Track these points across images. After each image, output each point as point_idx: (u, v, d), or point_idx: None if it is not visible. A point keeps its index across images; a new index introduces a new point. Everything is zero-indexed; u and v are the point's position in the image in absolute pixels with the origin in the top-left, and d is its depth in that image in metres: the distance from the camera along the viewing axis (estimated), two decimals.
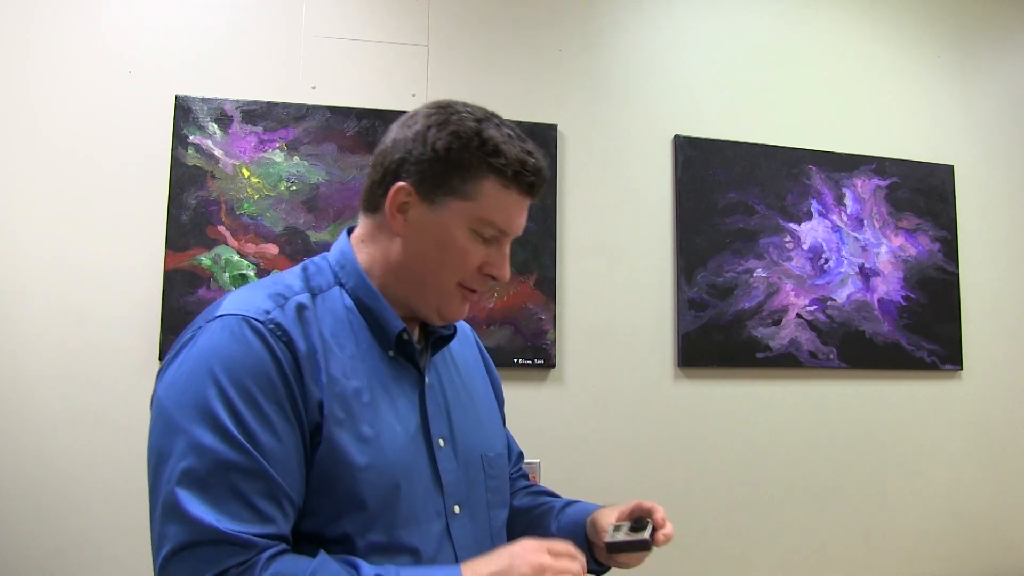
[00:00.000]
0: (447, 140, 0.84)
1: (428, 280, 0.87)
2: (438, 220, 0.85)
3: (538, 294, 1.95)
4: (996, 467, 2.27)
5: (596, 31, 2.11)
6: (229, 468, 0.72)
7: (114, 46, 1.81)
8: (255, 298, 0.81)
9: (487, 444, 0.97)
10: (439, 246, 0.85)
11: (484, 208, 0.85)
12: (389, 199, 0.86)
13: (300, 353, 0.78)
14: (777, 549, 2.06)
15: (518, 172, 0.85)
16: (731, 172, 2.12)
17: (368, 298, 0.87)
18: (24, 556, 1.66)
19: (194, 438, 0.72)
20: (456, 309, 0.90)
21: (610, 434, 1.98)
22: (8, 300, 1.71)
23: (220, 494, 0.71)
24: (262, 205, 1.83)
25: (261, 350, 0.76)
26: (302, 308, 0.81)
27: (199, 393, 0.74)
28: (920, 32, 2.37)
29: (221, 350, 0.76)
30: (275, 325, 0.78)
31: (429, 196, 0.85)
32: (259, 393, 0.75)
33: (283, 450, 0.75)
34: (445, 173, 0.84)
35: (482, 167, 0.84)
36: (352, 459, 0.78)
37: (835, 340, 2.14)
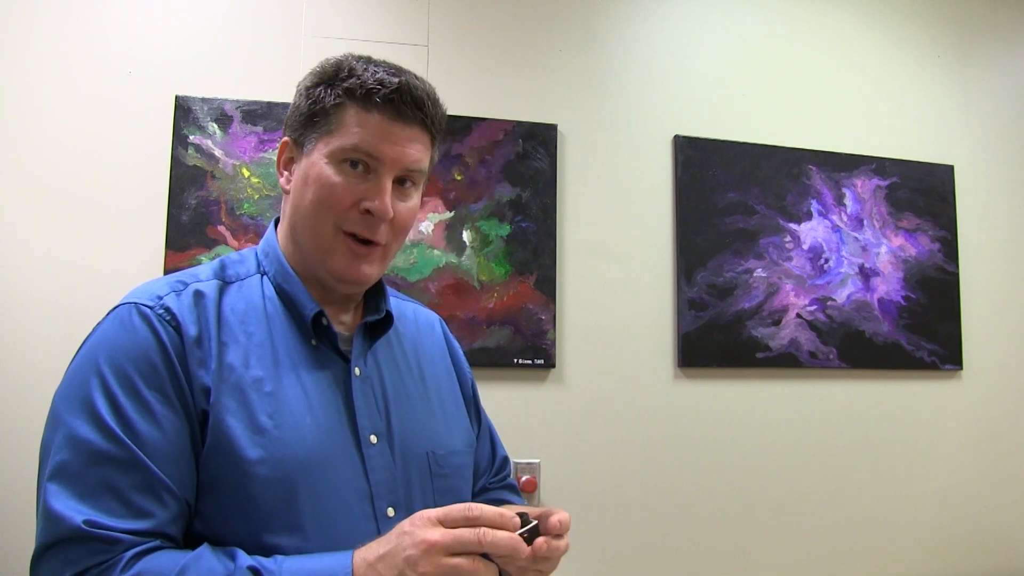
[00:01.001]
0: (310, 80, 0.84)
1: (309, 228, 0.82)
2: (307, 161, 0.83)
3: (538, 294, 1.95)
4: (996, 467, 2.27)
5: (596, 31, 2.11)
6: (102, 460, 0.68)
7: (114, 46, 1.81)
8: (153, 286, 0.80)
9: (436, 440, 0.89)
10: (309, 185, 0.81)
11: (346, 136, 0.80)
12: (277, 158, 0.88)
13: (188, 337, 0.75)
14: (777, 549, 2.06)
15: (372, 90, 0.80)
16: (731, 172, 2.12)
17: (286, 282, 0.84)
18: (24, 556, 1.66)
19: (71, 430, 0.70)
20: (345, 262, 0.82)
21: (610, 434, 1.98)
22: (8, 300, 1.71)
23: (91, 488, 0.68)
24: (262, 205, 1.83)
25: (146, 334, 0.74)
26: (200, 295, 0.79)
27: (81, 385, 0.72)
28: (920, 32, 2.37)
29: (107, 339, 0.75)
30: (164, 309, 0.76)
31: (301, 142, 0.84)
32: (139, 379, 0.72)
33: (164, 439, 0.71)
34: (309, 114, 0.83)
35: (339, 96, 0.81)
36: (242, 451, 0.72)
37: (835, 340, 2.14)
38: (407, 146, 0.82)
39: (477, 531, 0.66)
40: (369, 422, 0.82)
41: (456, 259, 1.92)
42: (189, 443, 0.73)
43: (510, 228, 1.95)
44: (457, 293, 1.90)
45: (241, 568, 0.66)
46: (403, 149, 0.82)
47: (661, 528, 1.99)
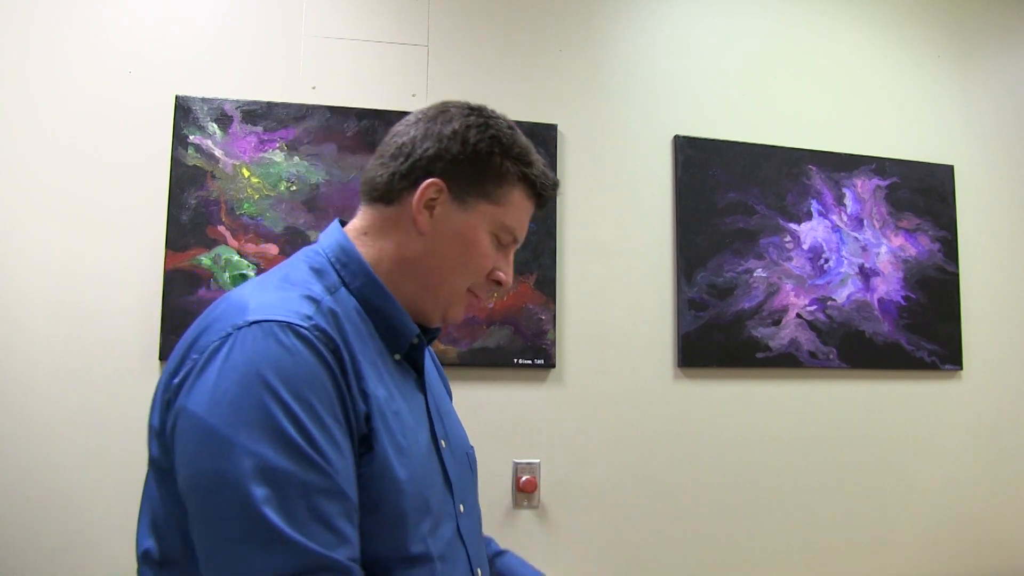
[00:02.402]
0: (489, 144, 0.84)
1: (444, 280, 0.85)
2: (466, 220, 0.84)
3: (538, 294, 1.95)
4: (996, 467, 2.27)
5: (596, 31, 2.11)
6: (308, 489, 0.65)
7: (114, 46, 1.81)
8: (289, 301, 0.74)
9: (466, 440, 0.99)
10: (463, 246, 0.84)
11: (508, 214, 0.86)
12: (418, 194, 0.83)
13: (345, 362, 0.73)
14: (777, 549, 2.06)
15: (544, 185, 0.88)
16: (731, 172, 2.12)
17: (379, 299, 0.82)
18: (23, 556, 1.66)
19: (263, 460, 0.64)
20: (460, 313, 0.89)
21: (610, 434, 1.98)
22: (8, 300, 1.71)
23: (303, 518, 0.64)
24: (262, 205, 1.83)
25: (313, 359, 0.69)
26: (334, 312, 0.76)
27: (257, 408, 0.65)
28: (920, 32, 2.37)
29: (271, 360, 0.68)
30: (320, 332, 0.72)
31: (460, 196, 0.84)
32: (319, 405, 0.68)
33: (347, 465, 0.70)
34: (481, 175, 0.84)
35: (516, 175, 0.85)
36: (396, 472, 0.74)
37: (835, 340, 2.14)
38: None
39: None
40: (439, 429, 0.88)
41: None
42: (356, 468, 0.72)
43: None
44: None
45: None
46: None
47: (661, 528, 1.99)
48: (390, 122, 1.90)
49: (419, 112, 0.88)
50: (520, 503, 1.90)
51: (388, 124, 1.90)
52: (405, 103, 1.95)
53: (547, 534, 1.90)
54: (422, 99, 1.97)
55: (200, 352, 0.71)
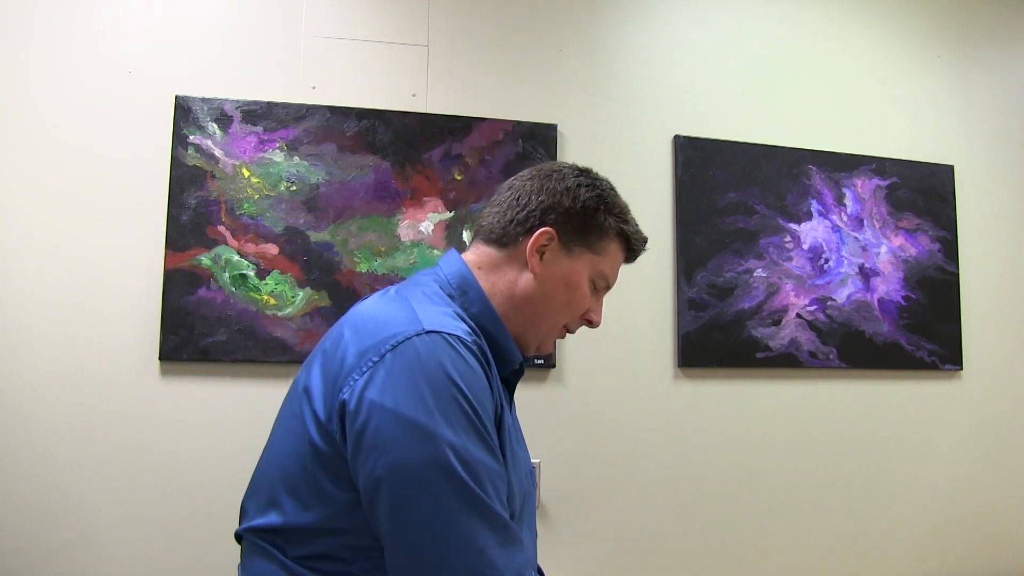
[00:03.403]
0: (596, 202, 0.98)
1: (548, 317, 0.97)
2: (571, 266, 0.97)
3: None
4: (996, 467, 2.27)
5: (596, 31, 2.11)
6: (494, 476, 0.77)
7: (114, 46, 1.81)
8: (451, 318, 0.85)
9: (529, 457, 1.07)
10: (567, 289, 0.96)
11: (605, 264, 0.99)
12: (533, 239, 0.95)
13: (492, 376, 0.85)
14: (777, 549, 2.06)
15: (637, 241, 1.02)
16: (731, 172, 2.12)
17: (493, 326, 0.93)
18: (23, 556, 1.66)
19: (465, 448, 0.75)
20: (551, 346, 1.03)
21: (610, 434, 1.98)
22: (8, 300, 1.71)
23: (495, 498, 0.77)
24: (262, 205, 1.83)
25: (480, 370, 0.82)
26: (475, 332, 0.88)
27: (452, 405, 0.76)
28: (920, 32, 2.37)
29: (456, 366, 0.79)
30: (479, 348, 0.84)
31: (568, 244, 0.97)
32: (483, 410, 0.80)
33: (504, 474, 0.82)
34: (586, 228, 0.97)
35: (615, 231, 0.99)
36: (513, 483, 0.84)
37: (835, 340, 2.14)
38: None
39: None
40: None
41: None
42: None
43: None
44: None
45: None
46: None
47: (661, 528, 1.99)
48: (390, 122, 1.91)
49: (534, 169, 1.02)
50: None
51: (388, 124, 1.91)
52: (405, 103, 1.95)
53: (547, 534, 1.90)
54: (422, 99, 1.97)
55: (378, 354, 0.79)
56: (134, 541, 1.70)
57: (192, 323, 1.75)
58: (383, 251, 1.88)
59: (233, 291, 1.79)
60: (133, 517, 1.71)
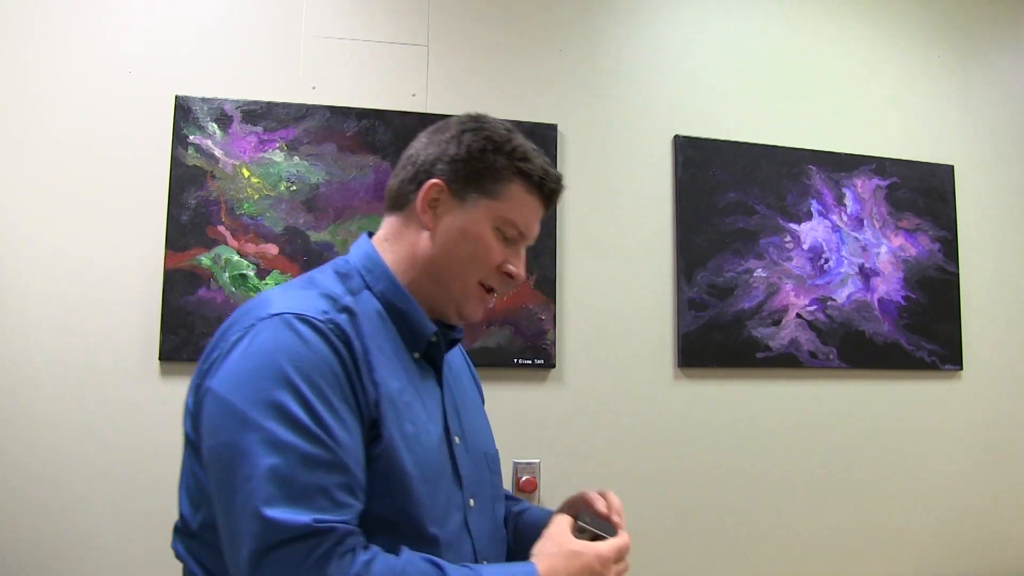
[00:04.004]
0: (482, 143, 0.91)
1: (453, 275, 0.91)
2: (467, 216, 0.90)
3: (538, 294, 1.95)
4: (996, 467, 2.27)
5: (596, 31, 2.11)
6: (310, 462, 0.72)
7: (114, 46, 1.81)
8: (308, 299, 0.82)
9: (488, 442, 1.03)
10: (466, 240, 0.90)
11: (509, 209, 0.91)
12: (422, 194, 0.91)
13: (357, 353, 0.80)
14: (777, 548, 2.06)
15: (542, 179, 0.93)
16: (731, 172, 2.12)
17: (399, 300, 0.90)
18: (23, 556, 1.66)
19: (270, 433, 0.72)
20: (474, 308, 0.94)
21: (610, 434, 1.98)
22: (8, 300, 1.71)
23: (304, 489, 0.72)
24: (262, 205, 1.83)
25: (324, 347, 0.78)
26: (351, 311, 0.84)
27: (270, 389, 0.74)
28: (920, 32, 2.37)
29: (286, 347, 0.76)
30: (334, 325, 0.80)
31: (460, 193, 0.91)
32: (327, 387, 0.76)
33: (354, 444, 0.77)
34: (477, 173, 0.91)
35: (511, 171, 0.91)
36: (403, 457, 0.81)
37: (835, 340, 2.14)
38: (539, 225, 0.98)
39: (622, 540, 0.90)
40: (454, 425, 0.93)
41: None
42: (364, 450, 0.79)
43: None
44: None
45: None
46: (537, 228, 0.97)
47: (661, 527, 1.99)
48: (390, 122, 1.91)
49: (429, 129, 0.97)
50: None
51: (388, 124, 1.91)
52: (405, 103, 1.95)
53: None
54: (422, 99, 1.97)
55: (227, 341, 0.80)
56: (134, 539, 1.70)
57: (192, 323, 1.75)
58: None
59: (233, 291, 1.79)
60: (133, 516, 1.71)
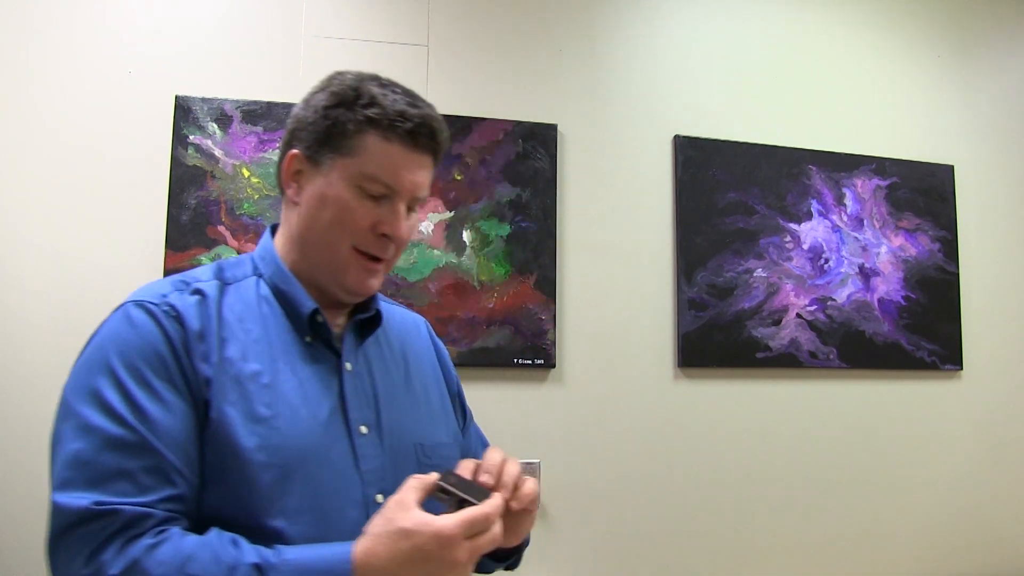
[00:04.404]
0: (328, 101, 0.86)
1: (322, 246, 0.86)
2: (325, 180, 0.85)
3: (538, 294, 1.95)
4: (996, 467, 2.27)
5: (596, 31, 2.11)
6: (114, 445, 0.72)
7: (114, 46, 1.81)
8: (156, 286, 0.85)
9: (423, 433, 0.93)
10: (327, 206, 0.85)
11: (367, 163, 0.84)
12: (283, 169, 0.89)
13: (191, 331, 0.79)
14: (777, 549, 2.06)
15: (395, 121, 0.84)
16: (731, 172, 2.12)
17: (283, 283, 0.88)
18: (24, 555, 1.66)
19: (82, 419, 0.74)
20: (357, 278, 0.87)
21: (610, 434, 1.98)
22: (8, 300, 1.71)
23: (102, 473, 0.71)
24: (262, 205, 1.83)
25: (152, 329, 0.78)
26: (202, 293, 0.83)
27: (91, 377, 0.77)
28: (920, 32, 2.37)
29: (115, 335, 0.79)
30: (168, 306, 0.80)
31: (316, 158, 0.86)
32: (148, 370, 0.76)
33: (175, 424, 0.75)
34: (327, 132, 0.85)
35: (361, 121, 0.84)
36: (240, 440, 0.76)
37: (835, 340, 2.14)
38: (419, 175, 0.87)
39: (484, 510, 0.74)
40: (359, 414, 0.86)
41: (456, 259, 1.92)
42: (196, 430, 0.77)
43: (510, 228, 1.95)
44: (457, 293, 1.90)
45: (245, 564, 0.70)
46: (416, 178, 0.87)
47: (661, 528, 1.99)
48: None
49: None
50: None
51: None
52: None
53: (547, 534, 1.90)
54: None
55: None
56: None
57: None
58: None
59: None
60: None
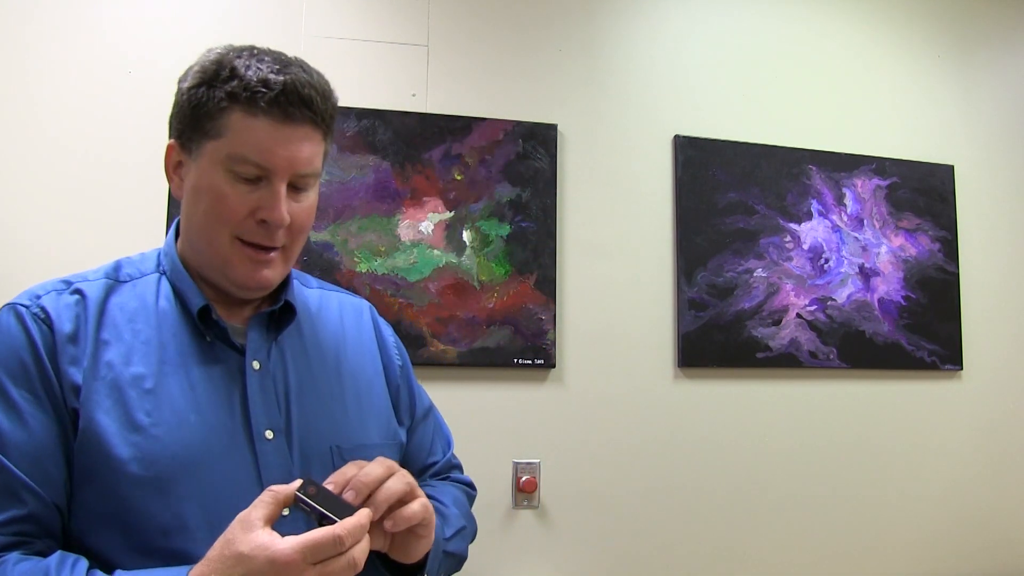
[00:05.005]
0: (192, 80, 0.80)
1: (205, 239, 0.80)
2: (197, 168, 0.79)
3: (538, 294, 1.95)
4: (996, 467, 2.27)
5: (596, 31, 2.11)
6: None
7: (114, 46, 1.81)
8: (38, 287, 0.80)
9: (344, 434, 0.84)
10: (201, 196, 0.78)
11: (233, 143, 0.76)
12: (165, 162, 0.83)
13: (60, 334, 0.74)
14: (777, 549, 2.06)
15: (256, 93, 0.75)
16: (731, 172, 2.12)
17: (177, 280, 0.82)
18: None
19: None
20: (242, 271, 0.80)
21: (610, 434, 1.98)
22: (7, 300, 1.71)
23: None
24: None
25: (17, 333, 0.74)
26: (81, 293, 0.79)
27: None
28: (920, 32, 2.37)
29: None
30: (39, 308, 0.76)
31: (188, 146, 0.80)
32: (7, 378, 0.72)
33: (29, 439, 0.70)
34: (193, 115, 0.78)
35: (222, 98, 0.76)
36: (112, 449, 0.70)
37: (835, 340, 2.14)
38: (298, 149, 0.78)
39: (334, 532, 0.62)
40: (265, 417, 0.79)
41: (456, 259, 1.92)
42: (59, 443, 0.71)
43: (510, 228, 1.95)
44: (457, 293, 1.90)
45: None
46: (293, 154, 0.78)
47: (661, 528, 1.99)
48: (390, 122, 1.91)
49: None
50: (520, 503, 1.90)
51: (388, 124, 1.91)
52: (405, 103, 1.95)
53: (547, 534, 1.90)
54: (422, 99, 1.97)
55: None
56: None
57: None
58: (383, 251, 1.88)
59: None
60: None
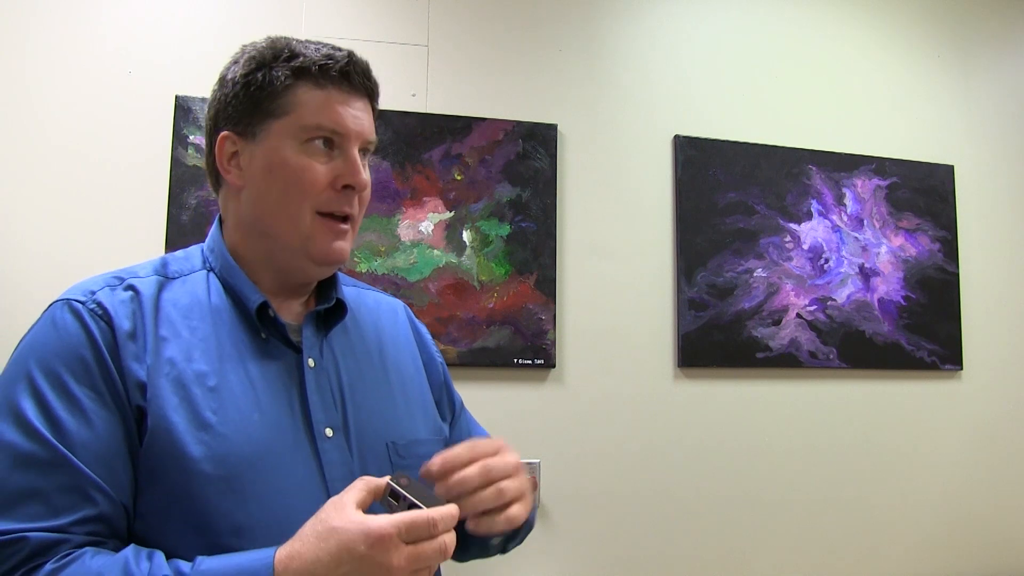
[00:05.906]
0: (245, 67, 0.82)
1: (281, 218, 0.80)
2: (266, 149, 0.80)
3: (538, 294, 1.95)
4: (996, 467, 2.27)
5: (596, 31, 2.11)
6: (26, 463, 0.66)
7: (114, 46, 1.81)
8: (87, 282, 0.79)
9: (397, 430, 0.86)
10: (276, 175, 0.79)
11: (305, 116, 0.79)
12: (217, 157, 0.83)
13: (121, 331, 0.73)
14: (777, 549, 2.06)
15: (324, 65, 0.80)
16: (731, 172, 2.12)
17: (230, 276, 0.81)
18: None
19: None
20: (326, 243, 0.81)
21: (610, 434, 1.98)
22: (7, 300, 1.71)
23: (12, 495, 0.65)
24: None
25: (76, 330, 0.72)
26: (135, 290, 0.78)
27: (10, 388, 0.70)
28: (920, 32, 2.37)
29: (37, 340, 0.73)
30: (96, 304, 0.74)
31: (249, 132, 0.81)
32: (69, 377, 0.70)
33: (95, 438, 0.68)
34: (254, 100, 0.81)
35: (287, 76, 0.80)
36: (184, 448, 0.70)
37: (835, 340, 2.14)
38: (363, 117, 0.84)
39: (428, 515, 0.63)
40: (324, 415, 0.79)
41: (456, 259, 1.92)
42: (124, 442, 0.70)
43: (510, 228, 1.95)
44: (457, 293, 1.90)
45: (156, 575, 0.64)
46: (361, 121, 0.83)
47: (661, 528, 1.99)
48: (390, 122, 1.91)
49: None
50: None
51: (388, 124, 1.91)
52: (405, 103, 1.95)
53: (547, 534, 1.90)
54: (422, 99, 1.97)
55: None
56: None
57: None
58: (383, 251, 1.88)
59: None
60: None
